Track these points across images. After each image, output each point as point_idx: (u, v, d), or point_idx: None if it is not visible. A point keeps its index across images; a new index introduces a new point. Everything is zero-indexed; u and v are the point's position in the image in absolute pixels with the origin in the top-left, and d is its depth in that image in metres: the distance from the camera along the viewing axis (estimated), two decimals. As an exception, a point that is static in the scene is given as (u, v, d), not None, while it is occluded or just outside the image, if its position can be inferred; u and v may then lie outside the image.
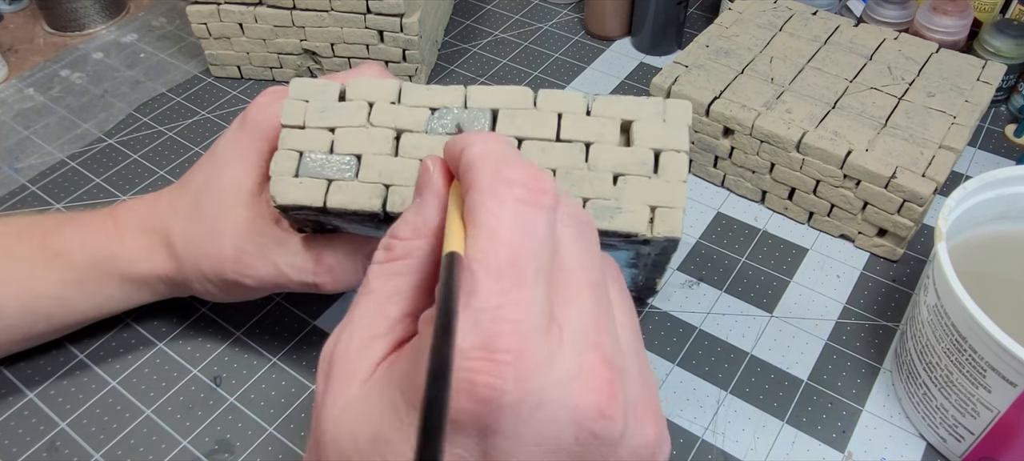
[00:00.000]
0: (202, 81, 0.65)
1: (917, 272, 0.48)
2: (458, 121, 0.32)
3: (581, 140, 0.31)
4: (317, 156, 0.33)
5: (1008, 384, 0.33)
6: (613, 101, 0.31)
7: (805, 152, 0.48)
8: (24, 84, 0.66)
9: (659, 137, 0.31)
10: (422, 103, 0.32)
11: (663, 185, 0.31)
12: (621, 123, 0.31)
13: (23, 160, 0.58)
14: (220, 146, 0.39)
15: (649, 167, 0.31)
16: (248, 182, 0.38)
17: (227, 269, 0.38)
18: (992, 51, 0.57)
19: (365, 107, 0.32)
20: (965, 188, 0.38)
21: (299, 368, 0.43)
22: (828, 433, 0.40)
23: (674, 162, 0.31)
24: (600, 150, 0.31)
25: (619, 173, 0.31)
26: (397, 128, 0.32)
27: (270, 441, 0.40)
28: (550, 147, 0.31)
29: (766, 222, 0.51)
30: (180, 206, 0.40)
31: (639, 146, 0.31)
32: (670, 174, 0.31)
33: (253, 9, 0.59)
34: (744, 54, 0.54)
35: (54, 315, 0.41)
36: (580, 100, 0.31)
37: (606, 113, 0.31)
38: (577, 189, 0.31)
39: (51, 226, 0.41)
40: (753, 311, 0.46)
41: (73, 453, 0.40)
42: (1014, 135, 0.57)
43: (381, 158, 0.32)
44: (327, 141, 0.33)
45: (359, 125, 0.32)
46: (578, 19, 0.72)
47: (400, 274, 0.25)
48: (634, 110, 0.31)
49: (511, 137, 0.31)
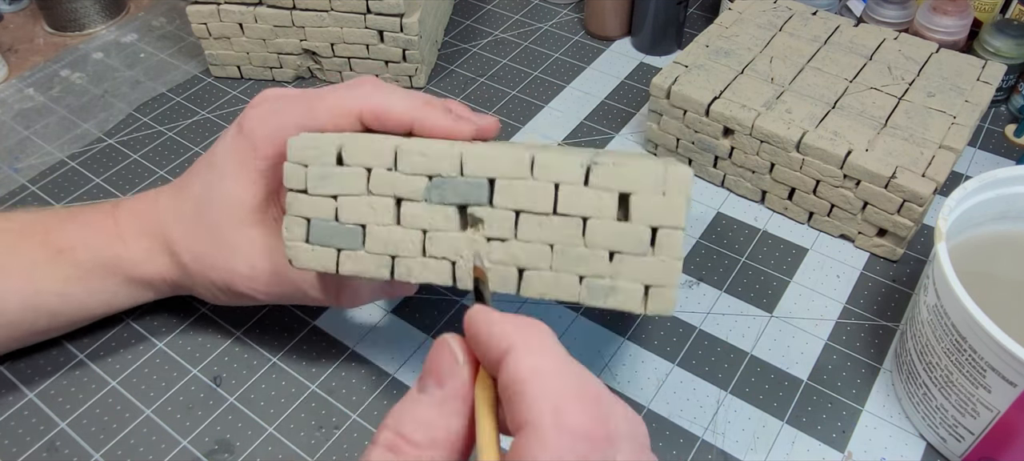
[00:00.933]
0: (202, 81, 0.65)
1: (917, 272, 0.48)
2: (458, 196, 0.32)
3: (578, 215, 0.31)
4: (324, 223, 0.33)
5: (1008, 384, 0.33)
6: (612, 170, 0.30)
7: (805, 152, 0.48)
8: (24, 84, 0.66)
9: (657, 213, 0.30)
10: (419, 170, 0.32)
11: (658, 263, 0.31)
12: (619, 195, 0.31)
13: (23, 160, 0.58)
14: (218, 153, 0.39)
15: (646, 244, 0.31)
16: (252, 198, 0.38)
17: (239, 284, 0.39)
18: (992, 51, 0.57)
19: (363, 174, 0.33)
20: (965, 188, 0.38)
21: (299, 368, 0.43)
22: (828, 433, 0.40)
23: (670, 239, 0.31)
24: (597, 226, 0.31)
25: (615, 251, 0.31)
26: (397, 196, 0.32)
27: (270, 441, 0.40)
28: (548, 221, 0.31)
29: (766, 222, 0.51)
30: (181, 212, 0.40)
31: (636, 222, 0.31)
32: (666, 252, 0.31)
33: (253, 9, 0.59)
34: (744, 54, 0.54)
35: (58, 312, 0.41)
36: (577, 169, 0.31)
37: (605, 184, 0.31)
38: (573, 266, 0.31)
39: (53, 223, 0.41)
40: (753, 311, 0.46)
41: (73, 453, 0.40)
42: (1014, 135, 0.57)
43: (384, 229, 0.33)
44: (331, 209, 0.33)
45: (359, 194, 0.33)
46: (578, 19, 0.72)
47: None
48: (632, 181, 0.30)
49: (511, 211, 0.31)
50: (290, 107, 0.37)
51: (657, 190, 0.30)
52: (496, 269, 0.32)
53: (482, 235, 0.32)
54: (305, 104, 0.36)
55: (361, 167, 0.32)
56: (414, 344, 0.44)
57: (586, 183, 0.31)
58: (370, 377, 0.43)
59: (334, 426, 0.40)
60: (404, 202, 0.32)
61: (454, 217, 0.32)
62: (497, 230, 0.32)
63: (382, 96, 0.36)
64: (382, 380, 0.42)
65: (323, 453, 0.39)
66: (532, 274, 0.32)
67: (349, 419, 0.41)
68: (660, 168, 0.30)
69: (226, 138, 0.39)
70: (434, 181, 0.32)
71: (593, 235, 0.31)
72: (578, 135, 0.59)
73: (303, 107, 0.36)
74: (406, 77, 0.62)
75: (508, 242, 0.32)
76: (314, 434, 0.40)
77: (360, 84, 0.37)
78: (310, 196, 0.33)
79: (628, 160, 0.31)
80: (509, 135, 0.59)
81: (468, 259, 0.32)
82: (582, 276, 0.31)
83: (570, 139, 0.58)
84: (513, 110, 0.61)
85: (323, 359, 0.43)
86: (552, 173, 0.31)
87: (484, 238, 0.32)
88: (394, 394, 0.42)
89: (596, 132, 0.59)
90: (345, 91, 0.37)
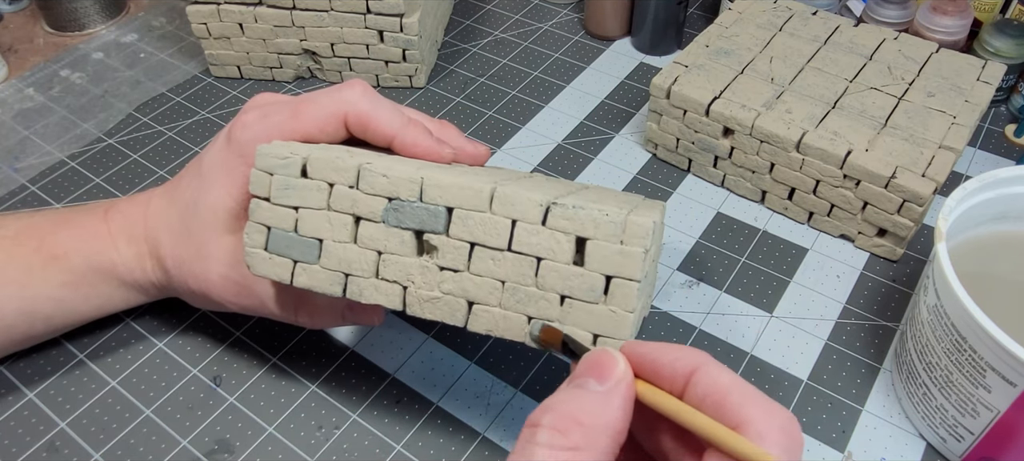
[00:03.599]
0: (202, 81, 0.65)
1: (917, 272, 0.48)
2: (416, 221, 0.31)
3: (533, 254, 0.30)
4: (283, 234, 0.33)
5: (1008, 384, 0.33)
6: (571, 212, 0.30)
7: (805, 152, 0.48)
8: (24, 84, 0.66)
9: (613, 262, 0.30)
10: (379, 191, 0.32)
11: (609, 313, 0.30)
12: (576, 238, 0.30)
13: (23, 160, 0.58)
14: (206, 161, 0.39)
15: (598, 292, 0.30)
16: (233, 204, 0.37)
17: (212, 292, 0.39)
18: (992, 51, 0.57)
19: (325, 189, 0.32)
20: (965, 188, 0.38)
21: (299, 368, 0.43)
22: (828, 433, 0.40)
23: (624, 290, 0.30)
24: (551, 267, 0.30)
25: (567, 295, 0.30)
26: (355, 215, 0.32)
27: (270, 441, 0.40)
28: (501, 257, 0.31)
29: (766, 222, 0.51)
30: (169, 219, 0.40)
31: (591, 268, 0.30)
32: (619, 302, 0.30)
33: (253, 9, 0.59)
34: (744, 54, 0.54)
35: (53, 316, 0.41)
36: (536, 208, 0.30)
37: (562, 226, 0.30)
38: (523, 306, 0.31)
39: (47, 228, 0.41)
40: (753, 311, 0.46)
41: (73, 453, 0.40)
42: (1014, 135, 0.57)
43: (341, 246, 0.32)
44: (292, 220, 0.33)
45: (319, 208, 0.32)
46: (578, 19, 0.72)
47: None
48: (590, 226, 0.30)
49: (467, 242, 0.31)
50: (277, 112, 0.37)
51: (615, 238, 0.30)
52: (446, 300, 0.32)
53: (435, 263, 0.32)
54: (291, 108, 0.36)
55: (324, 181, 0.32)
56: (413, 345, 0.44)
57: (544, 222, 0.30)
58: (370, 377, 0.43)
59: (334, 426, 0.40)
60: (362, 221, 0.32)
61: (410, 242, 0.32)
62: (450, 260, 0.31)
63: (368, 103, 0.36)
64: (382, 380, 0.42)
65: (323, 453, 0.39)
66: (481, 309, 0.32)
67: (349, 419, 0.41)
68: (621, 215, 0.30)
69: (216, 145, 0.39)
70: (393, 203, 0.32)
71: (546, 276, 0.30)
72: (578, 135, 0.59)
73: (289, 111, 0.36)
74: (406, 77, 0.62)
75: (460, 273, 0.31)
76: (314, 434, 0.40)
77: (350, 87, 0.37)
78: (272, 205, 0.33)
79: (593, 202, 0.30)
80: (509, 135, 0.59)
81: (420, 285, 0.32)
82: (531, 317, 0.31)
83: (570, 139, 0.58)
84: (513, 110, 0.61)
85: (323, 359, 0.43)
86: (510, 209, 0.30)
87: (437, 266, 0.32)
88: (393, 394, 0.42)
89: (596, 132, 0.59)
90: (334, 93, 0.37)
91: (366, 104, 0.36)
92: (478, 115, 0.61)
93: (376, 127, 0.36)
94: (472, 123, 0.60)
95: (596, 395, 0.24)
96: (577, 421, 0.23)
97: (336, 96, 0.36)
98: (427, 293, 0.32)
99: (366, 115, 0.36)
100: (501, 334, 0.31)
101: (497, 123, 0.60)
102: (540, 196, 0.30)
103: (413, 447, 0.39)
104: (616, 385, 0.24)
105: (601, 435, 0.23)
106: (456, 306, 0.32)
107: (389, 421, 0.41)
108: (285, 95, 0.39)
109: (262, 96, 0.39)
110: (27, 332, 0.41)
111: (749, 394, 0.23)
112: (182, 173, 0.41)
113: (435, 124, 0.40)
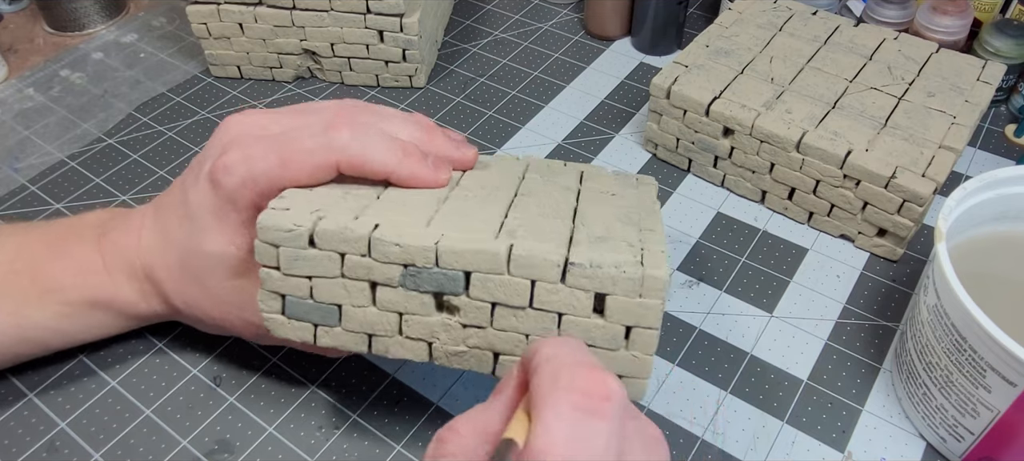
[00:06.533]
0: (202, 81, 0.65)
1: (917, 272, 0.48)
2: (434, 284, 0.31)
3: (554, 310, 0.31)
4: (299, 301, 0.33)
5: (1008, 384, 0.33)
6: (590, 271, 0.30)
7: (805, 152, 0.48)
8: (24, 84, 0.66)
9: (633, 314, 0.31)
10: (393, 260, 0.31)
11: (631, 358, 0.31)
12: (595, 295, 0.31)
13: (23, 160, 0.58)
14: (193, 203, 0.37)
15: (620, 340, 0.31)
16: (236, 251, 0.37)
17: (232, 328, 0.39)
18: (992, 51, 0.57)
19: (337, 258, 0.32)
20: (965, 188, 0.38)
21: (299, 368, 0.43)
22: (828, 433, 0.40)
23: (644, 337, 0.31)
24: (573, 321, 0.31)
25: (589, 344, 0.31)
26: (371, 280, 0.32)
27: (270, 441, 0.40)
28: (523, 314, 0.31)
29: (766, 222, 0.51)
30: (167, 261, 0.39)
31: (611, 320, 0.31)
32: (639, 348, 0.31)
33: (253, 9, 0.59)
34: (744, 54, 0.54)
35: (50, 342, 0.41)
36: (554, 269, 0.30)
37: (581, 284, 0.30)
38: None
39: (41, 258, 0.40)
40: (753, 311, 0.46)
41: (73, 453, 0.40)
42: (1014, 135, 0.57)
43: (360, 310, 0.32)
44: (306, 288, 0.33)
45: (334, 276, 0.32)
46: (578, 19, 0.72)
47: None
48: (610, 285, 0.30)
49: None
50: (262, 156, 0.34)
51: (634, 292, 0.30)
52: (472, 353, 0.33)
53: (458, 321, 0.32)
54: (277, 155, 0.34)
55: (334, 252, 0.32)
56: (414, 344, 0.44)
57: (563, 281, 0.31)
58: (370, 378, 0.43)
59: (334, 426, 0.40)
60: (379, 286, 0.32)
61: (430, 302, 0.32)
62: (473, 318, 0.32)
63: (359, 146, 0.34)
64: (382, 380, 0.42)
65: (323, 453, 0.39)
66: (508, 360, 0.33)
67: (349, 419, 0.41)
68: (639, 271, 0.30)
69: (198, 185, 0.36)
70: (409, 270, 0.31)
71: (568, 329, 0.31)
72: (578, 135, 0.59)
73: (275, 159, 0.34)
74: (406, 77, 0.62)
75: (485, 330, 0.32)
76: (314, 434, 0.40)
77: (336, 128, 0.35)
78: (284, 275, 0.32)
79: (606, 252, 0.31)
80: (509, 135, 0.59)
81: (445, 341, 0.32)
82: None
83: (570, 139, 0.58)
84: (513, 110, 0.61)
85: (323, 359, 0.43)
86: (528, 270, 0.31)
87: (460, 324, 0.32)
88: (393, 394, 0.42)
89: (596, 132, 0.59)
90: (321, 138, 0.34)
91: (357, 147, 0.35)
92: (478, 115, 0.61)
93: (371, 169, 0.35)
94: (472, 123, 0.60)
95: (485, 409, 0.27)
96: (455, 430, 0.26)
97: (324, 141, 0.34)
98: (453, 348, 0.33)
99: (359, 159, 0.35)
100: None
101: (497, 123, 0.60)
102: (556, 251, 0.30)
103: (413, 447, 0.39)
104: (502, 397, 0.27)
105: (473, 440, 0.25)
106: (483, 358, 0.33)
107: (389, 421, 0.41)
108: (264, 115, 0.37)
109: (237, 123, 0.37)
110: (26, 354, 0.41)
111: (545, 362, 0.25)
112: (166, 203, 0.39)
113: (423, 133, 0.38)
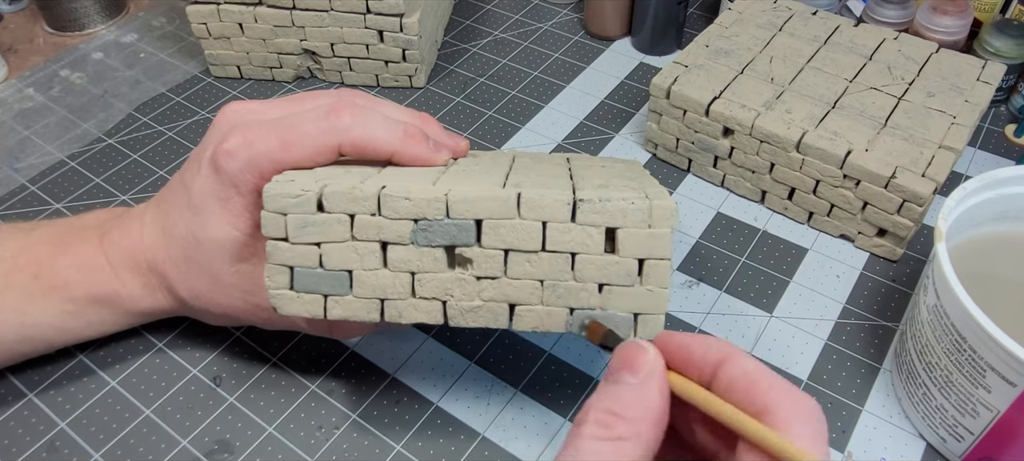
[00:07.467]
0: (202, 81, 0.65)
1: (917, 272, 0.48)
2: (446, 237, 0.31)
3: (567, 251, 0.31)
4: (309, 271, 0.32)
5: (1008, 384, 0.33)
6: (599, 206, 0.31)
7: (805, 152, 0.48)
8: (24, 84, 0.66)
9: (644, 246, 0.31)
10: (403, 215, 0.31)
11: (646, 293, 0.32)
12: (606, 230, 0.31)
13: (23, 160, 0.58)
14: (195, 192, 0.37)
15: (633, 275, 0.31)
16: (237, 234, 0.37)
17: (240, 316, 0.39)
18: (992, 51, 0.57)
19: (346, 220, 0.32)
20: (965, 188, 0.38)
21: (299, 368, 0.43)
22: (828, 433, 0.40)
23: (657, 269, 0.31)
24: (586, 260, 0.31)
25: (604, 283, 0.32)
26: (382, 240, 0.32)
27: (270, 441, 0.40)
28: (537, 258, 0.31)
29: (766, 222, 0.51)
30: (170, 254, 0.39)
31: (624, 254, 0.31)
32: (653, 281, 0.32)
33: (253, 9, 0.59)
34: (744, 54, 0.54)
35: (54, 340, 0.41)
36: (565, 208, 0.31)
37: (592, 220, 0.31)
38: (564, 300, 0.32)
39: (44, 256, 0.40)
40: (753, 311, 0.46)
41: (73, 453, 0.40)
42: (1014, 135, 0.57)
43: (372, 273, 0.32)
44: (315, 256, 0.32)
45: (343, 240, 0.32)
46: (578, 19, 0.72)
47: (625, 455, 0.24)
48: (619, 216, 0.31)
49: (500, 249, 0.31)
50: (263, 138, 0.35)
51: (644, 223, 0.31)
52: (487, 306, 0.32)
53: (471, 274, 0.32)
54: (278, 137, 0.34)
55: (344, 213, 0.32)
56: (413, 345, 0.44)
57: (573, 219, 0.31)
58: (370, 377, 0.43)
59: (334, 426, 0.40)
60: (390, 246, 0.32)
61: (442, 258, 0.32)
62: (486, 269, 0.32)
63: (362, 129, 0.35)
64: (382, 380, 0.42)
65: (323, 453, 0.39)
66: (523, 309, 0.32)
67: (349, 419, 0.41)
68: (647, 202, 0.31)
69: (201, 173, 0.37)
70: (420, 224, 0.31)
71: (582, 269, 0.31)
72: (578, 135, 0.59)
73: (277, 141, 0.34)
74: (406, 77, 0.63)
75: (499, 280, 0.32)
76: (314, 434, 0.40)
77: (337, 113, 0.35)
78: (292, 244, 0.32)
79: (612, 191, 0.31)
80: (509, 135, 0.59)
81: (459, 297, 0.32)
82: (573, 309, 0.32)
83: (570, 139, 0.58)
84: (513, 110, 0.61)
85: (323, 359, 0.43)
86: (539, 212, 0.31)
87: (474, 277, 0.32)
88: (393, 394, 0.42)
89: (596, 132, 0.59)
90: (322, 122, 0.35)
91: (359, 128, 0.35)
92: (478, 115, 0.61)
93: (374, 149, 0.35)
94: (472, 123, 0.60)
95: (631, 387, 0.25)
96: (618, 415, 0.25)
97: (326, 124, 0.35)
98: (467, 304, 0.32)
99: (361, 140, 0.35)
100: (546, 329, 0.33)
101: (497, 123, 0.60)
102: (562, 195, 0.31)
103: (413, 447, 0.39)
104: (649, 375, 0.26)
105: (642, 423, 0.25)
106: (498, 311, 0.32)
107: (389, 421, 0.41)
108: (261, 103, 0.38)
109: (234, 110, 0.37)
110: (28, 352, 0.41)
111: (775, 382, 0.24)
112: (166, 198, 0.40)
113: (418, 118, 0.39)
